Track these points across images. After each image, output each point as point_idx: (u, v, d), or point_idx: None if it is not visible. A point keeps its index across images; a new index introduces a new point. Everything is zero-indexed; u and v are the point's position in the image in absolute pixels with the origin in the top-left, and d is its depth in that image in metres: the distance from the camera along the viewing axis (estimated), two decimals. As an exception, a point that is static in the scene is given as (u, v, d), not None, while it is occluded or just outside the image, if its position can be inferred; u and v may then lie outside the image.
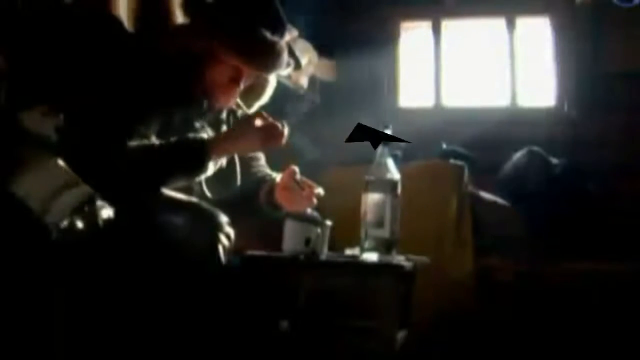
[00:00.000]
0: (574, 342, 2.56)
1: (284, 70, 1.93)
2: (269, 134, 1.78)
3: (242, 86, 1.87)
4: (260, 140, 1.78)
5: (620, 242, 2.99)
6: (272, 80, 2.00)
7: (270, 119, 1.80)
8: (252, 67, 1.85)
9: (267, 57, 1.84)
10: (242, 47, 1.81)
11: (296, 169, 1.93)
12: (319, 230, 1.71)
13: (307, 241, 1.70)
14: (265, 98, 2.02)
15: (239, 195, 1.94)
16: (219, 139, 1.80)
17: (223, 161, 1.90)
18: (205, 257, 1.59)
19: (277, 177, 1.99)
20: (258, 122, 1.78)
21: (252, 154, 2.04)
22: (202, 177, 1.77)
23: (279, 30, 1.85)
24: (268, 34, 1.82)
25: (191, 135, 1.75)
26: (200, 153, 1.70)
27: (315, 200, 1.91)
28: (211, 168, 1.75)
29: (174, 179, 1.70)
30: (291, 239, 1.72)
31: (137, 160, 1.64)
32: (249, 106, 2.01)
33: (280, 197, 1.95)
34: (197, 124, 1.85)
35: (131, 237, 1.54)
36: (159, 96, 1.74)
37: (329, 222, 1.76)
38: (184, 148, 1.71)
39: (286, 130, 1.79)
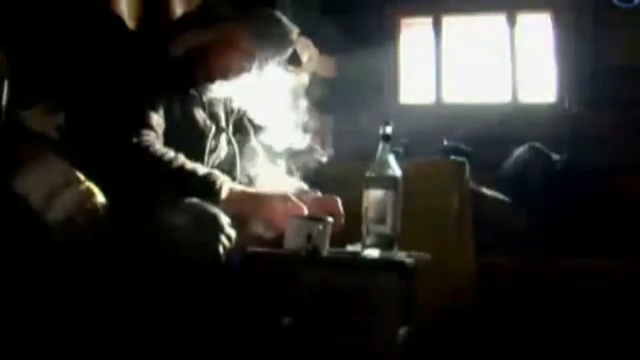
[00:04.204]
0: (574, 339, 2.56)
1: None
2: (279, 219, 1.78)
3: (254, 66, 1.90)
4: (267, 220, 1.80)
5: (621, 238, 2.99)
6: None
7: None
8: (265, 48, 1.88)
9: (280, 35, 1.90)
10: (256, 28, 1.86)
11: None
12: (320, 226, 1.71)
13: (309, 238, 1.70)
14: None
15: None
16: (239, 194, 1.78)
17: (222, 153, 1.92)
18: (206, 257, 1.59)
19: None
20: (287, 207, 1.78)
21: (253, 150, 2.07)
22: None
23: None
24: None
25: (215, 174, 1.74)
26: (213, 195, 1.71)
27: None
28: None
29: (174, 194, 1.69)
30: (293, 235, 1.72)
31: (152, 162, 1.65)
32: None
33: None
34: (198, 117, 1.86)
35: (132, 237, 1.54)
36: (162, 92, 1.75)
37: (330, 219, 1.77)
38: (202, 185, 1.70)
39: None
